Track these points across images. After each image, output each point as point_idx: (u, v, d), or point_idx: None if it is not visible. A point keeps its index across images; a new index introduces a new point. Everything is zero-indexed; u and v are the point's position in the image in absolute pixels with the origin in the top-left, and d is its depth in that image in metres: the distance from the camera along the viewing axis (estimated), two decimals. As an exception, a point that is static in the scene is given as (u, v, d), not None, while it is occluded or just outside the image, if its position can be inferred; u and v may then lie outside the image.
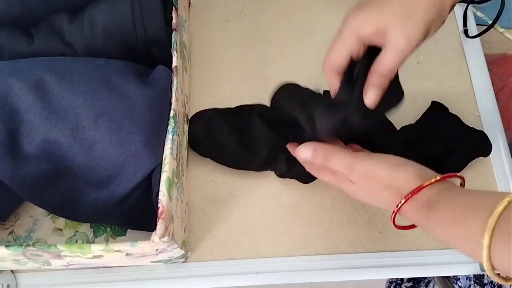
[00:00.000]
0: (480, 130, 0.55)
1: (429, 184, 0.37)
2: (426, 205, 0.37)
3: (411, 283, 0.89)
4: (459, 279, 0.69)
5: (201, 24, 0.67)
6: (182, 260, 0.52)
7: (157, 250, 0.42)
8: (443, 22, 0.40)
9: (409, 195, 0.37)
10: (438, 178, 0.37)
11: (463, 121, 0.56)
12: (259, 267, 0.53)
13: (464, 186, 0.41)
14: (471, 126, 0.55)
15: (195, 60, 0.65)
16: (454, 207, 0.35)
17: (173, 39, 0.50)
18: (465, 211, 0.34)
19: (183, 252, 0.47)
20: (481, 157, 0.58)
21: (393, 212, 0.39)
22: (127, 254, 0.42)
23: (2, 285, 0.52)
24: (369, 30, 0.38)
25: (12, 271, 0.53)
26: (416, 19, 0.36)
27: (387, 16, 0.37)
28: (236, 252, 0.54)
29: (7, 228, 0.55)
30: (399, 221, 0.40)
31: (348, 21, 0.40)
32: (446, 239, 0.36)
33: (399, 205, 0.38)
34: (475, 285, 0.65)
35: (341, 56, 0.41)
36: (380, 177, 0.40)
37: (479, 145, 0.54)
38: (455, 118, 0.56)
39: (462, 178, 0.40)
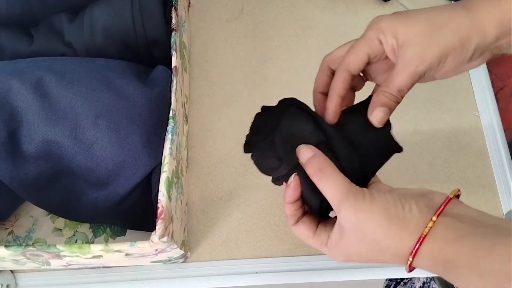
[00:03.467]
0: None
1: (426, 235, 0.30)
2: (442, 264, 0.30)
3: (407, 284, 0.89)
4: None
5: (201, 24, 0.67)
6: (182, 260, 0.52)
7: (156, 250, 0.42)
8: (467, 60, 0.36)
9: (410, 261, 0.31)
10: (434, 219, 0.31)
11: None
12: (259, 267, 0.53)
13: (459, 197, 0.35)
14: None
15: (195, 60, 0.65)
16: (479, 274, 0.28)
17: (172, 39, 0.50)
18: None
19: (182, 252, 0.47)
20: (480, 157, 0.58)
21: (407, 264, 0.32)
22: (127, 254, 0.42)
23: (2, 285, 0.52)
24: (390, 39, 0.36)
25: (11, 271, 0.53)
26: (435, 41, 0.35)
27: (410, 30, 0.35)
28: (236, 252, 0.54)
29: (7, 228, 0.54)
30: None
31: (375, 22, 0.37)
32: None
33: (408, 265, 0.31)
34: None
35: (360, 54, 0.38)
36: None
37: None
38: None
39: (457, 195, 0.34)
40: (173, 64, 0.49)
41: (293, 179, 0.37)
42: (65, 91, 0.45)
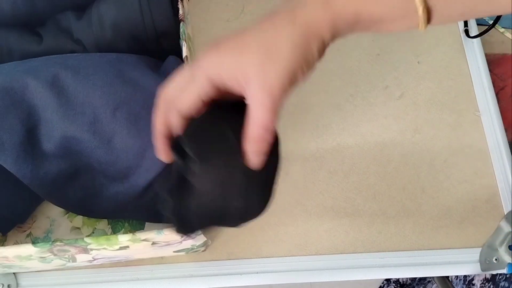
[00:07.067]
0: None
1: None
2: None
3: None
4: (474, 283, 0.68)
5: (202, 24, 0.68)
6: (203, 248, 0.53)
7: (182, 237, 0.43)
8: (312, 66, 0.33)
9: None
10: None
11: None
12: (259, 267, 0.54)
13: None
14: None
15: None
16: None
17: (181, 30, 0.52)
18: None
19: (205, 239, 0.48)
20: (481, 157, 0.58)
21: None
22: (153, 243, 0.44)
23: (3, 285, 0.52)
24: (225, 77, 0.33)
25: (12, 271, 0.53)
26: (277, 66, 0.31)
27: (245, 65, 0.32)
28: (236, 252, 0.54)
29: (25, 231, 0.56)
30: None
31: (201, 64, 0.34)
32: None
33: None
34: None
35: (191, 97, 0.34)
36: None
37: None
38: None
39: None
40: (184, 53, 0.51)
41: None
42: (82, 85, 0.46)
